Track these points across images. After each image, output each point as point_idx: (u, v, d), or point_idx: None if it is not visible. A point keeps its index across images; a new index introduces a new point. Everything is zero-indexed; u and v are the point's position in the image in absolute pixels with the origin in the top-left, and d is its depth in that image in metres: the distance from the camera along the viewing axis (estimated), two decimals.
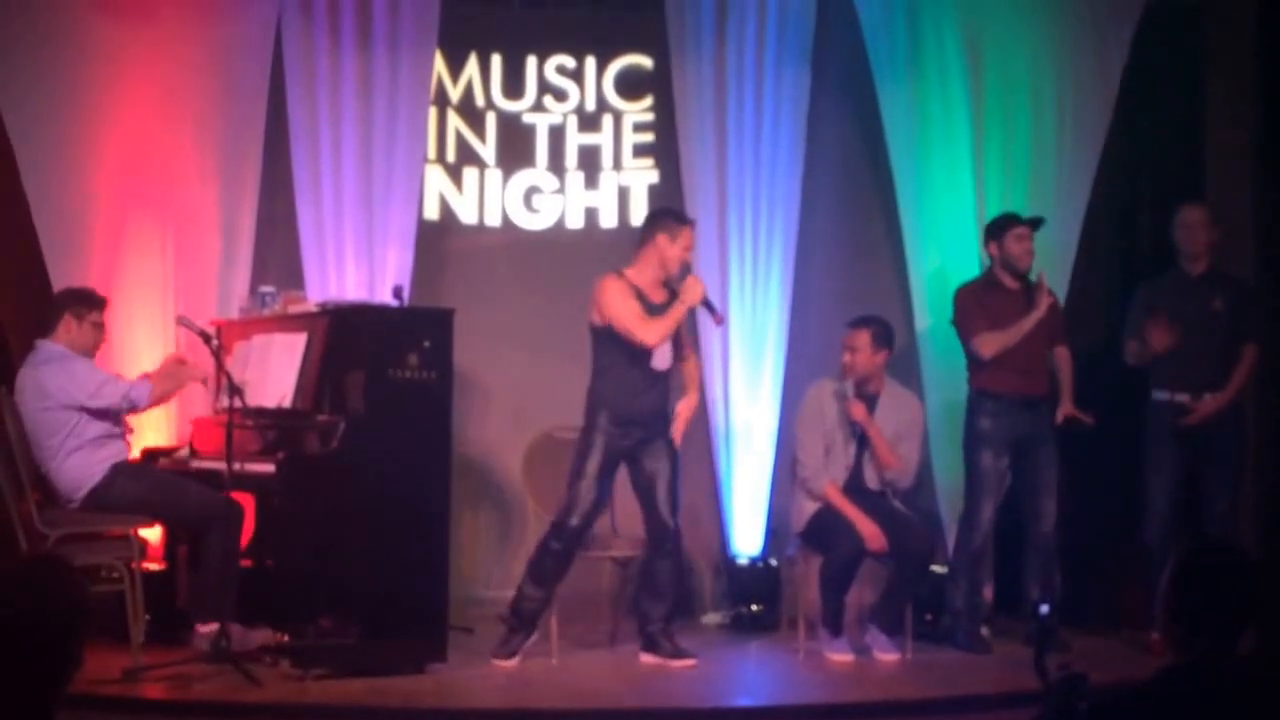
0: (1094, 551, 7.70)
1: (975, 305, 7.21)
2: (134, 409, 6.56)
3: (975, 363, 7.22)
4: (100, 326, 6.67)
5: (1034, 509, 7.22)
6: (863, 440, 7.00)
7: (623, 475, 6.83)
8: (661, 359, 6.70)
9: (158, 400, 6.68)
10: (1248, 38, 7.64)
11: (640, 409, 6.68)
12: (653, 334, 6.60)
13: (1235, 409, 7.15)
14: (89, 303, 6.64)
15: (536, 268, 8.17)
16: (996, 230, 7.26)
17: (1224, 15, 7.82)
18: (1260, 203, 7.59)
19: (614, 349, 6.65)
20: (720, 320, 6.88)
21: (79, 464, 6.46)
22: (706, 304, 6.68)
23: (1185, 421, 7.07)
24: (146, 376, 6.70)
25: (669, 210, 7.14)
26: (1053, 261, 7.62)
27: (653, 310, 6.65)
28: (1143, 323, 7.11)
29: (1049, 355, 7.25)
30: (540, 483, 7.23)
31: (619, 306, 6.62)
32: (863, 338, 6.98)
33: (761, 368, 7.99)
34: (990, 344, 7.11)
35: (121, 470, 6.53)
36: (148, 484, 6.57)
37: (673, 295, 6.69)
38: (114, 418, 6.56)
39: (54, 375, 6.48)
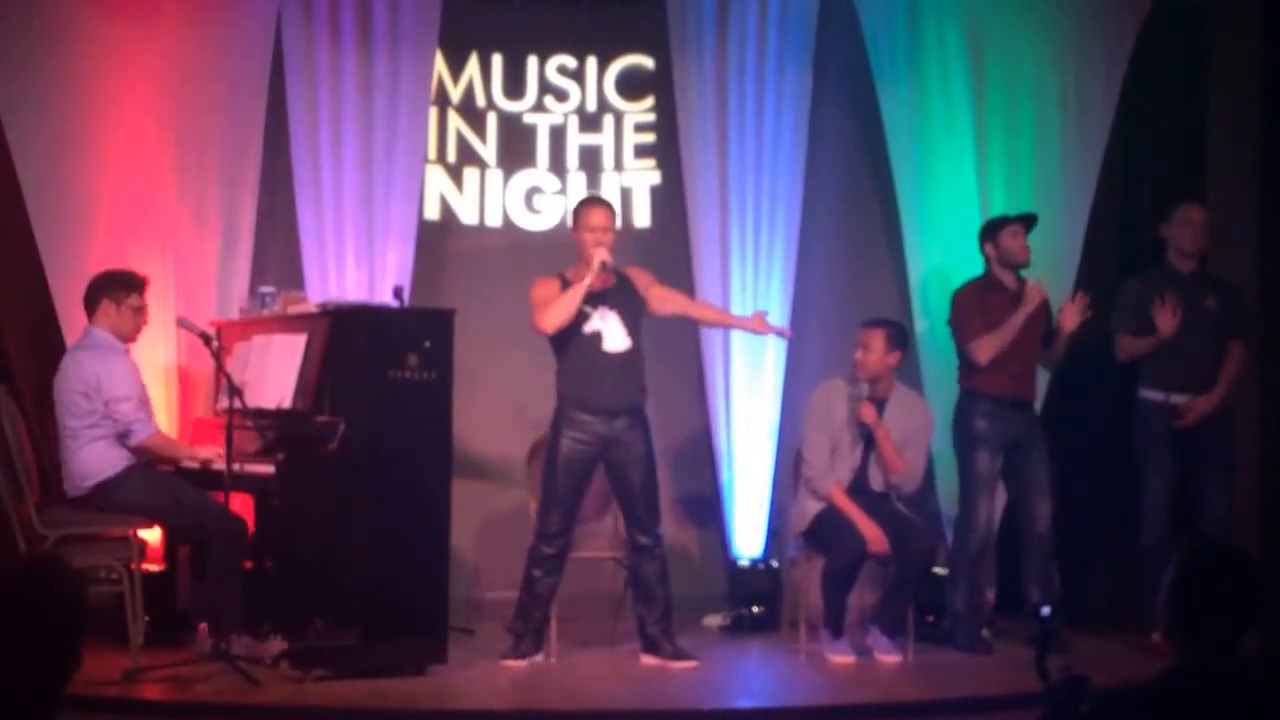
0: (1093, 552, 7.70)
1: (974, 308, 7.20)
2: (125, 435, 6.48)
3: (969, 364, 7.22)
4: (140, 310, 6.63)
5: (1028, 510, 7.23)
6: (869, 442, 6.98)
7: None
8: (612, 340, 6.65)
9: (151, 448, 6.61)
10: (1251, 39, 7.63)
11: (600, 399, 6.63)
12: (546, 320, 6.60)
13: (1224, 408, 7.15)
14: (127, 286, 6.59)
15: (537, 268, 8.09)
16: (991, 231, 7.26)
17: (1227, 16, 7.81)
18: (1262, 203, 7.58)
19: (560, 342, 6.66)
20: (606, 259, 6.61)
21: (96, 453, 6.44)
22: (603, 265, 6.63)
23: (1179, 424, 7.07)
24: (159, 431, 6.70)
25: (581, 198, 7.19)
26: (1057, 262, 7.63)
27: (595, 300, 6.62)
28: (1134, 312, 7.11)
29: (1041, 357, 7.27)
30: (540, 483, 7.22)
31: (531, 296, 6.67)
32: (878, 337, 6.97)
33: (762, 368, 7.97)
34: (986, 348, 7.13)
35: (135, 471, 6.50)
36: (158, 489, 6.52)
37: (620, 281, 6.69)
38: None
39: (96, 364, 6.46)
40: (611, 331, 6.65)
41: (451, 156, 8.25)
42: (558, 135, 8.34)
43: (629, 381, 6.70)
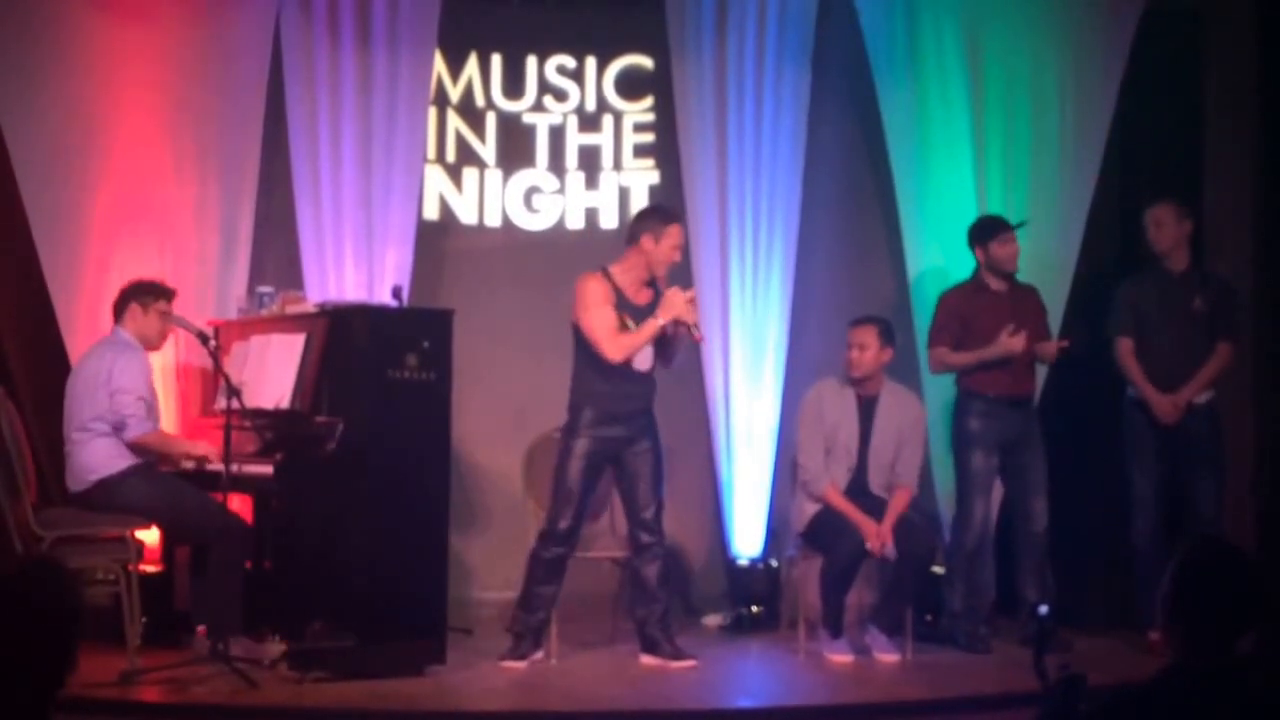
0: (1090, 551, 7.70)
1: (950, 315, 7.26)
2: (119, 429, 6.47)
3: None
4: (167, 315, 6.68)
5: (1025, 509, 7.24)
6: (865, 443, 6.98)
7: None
8: (642, 360, 6.64)
9: (147, 445, 6.59)
10: (1246, 39, 7.65)
11: (623, 408, 6.63)
12: (618, 351, 6.54)
13: (1210, 406, 7.14)
14: (155, 292, 6.68)
15: (536, 268, 8.16)
16: (981, 235, 7.27)
17: (1223, 17, 7.82)
18: (1258, 204, 7.59)
19: (588, 353, 6.62)
20: (699, 339, 6.74)
21: (102, 449, 6.44)
22: (686, 324, 6.59)
23: (1157, 424, 7.07)
24: (161, 432, 6.70)
25: (655, 208, 7.06)
26: (1054, 262, 7.64)
27: (632, 311, 6.61)
28: (1129, 314, 7.13)
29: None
30: (540, 483, 7.21)
31: (593, 315, 6.57)
32: (872, 334, 6.97)
33: (762, 367, 7.97)
34: (940, 361, 7.26)
35: (138, 471, 6.50)
36: (159, 490, 6.51)
37: (658, 295, 6.65)
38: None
39: (112, 356, 6.50)
40: (642, 351, 6.64)
41: (450, 156, 8.24)
42: (557, 135, 8.33)
43: (646, 391, 6.72)
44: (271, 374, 6.58)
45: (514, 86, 8.29)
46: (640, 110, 8.35)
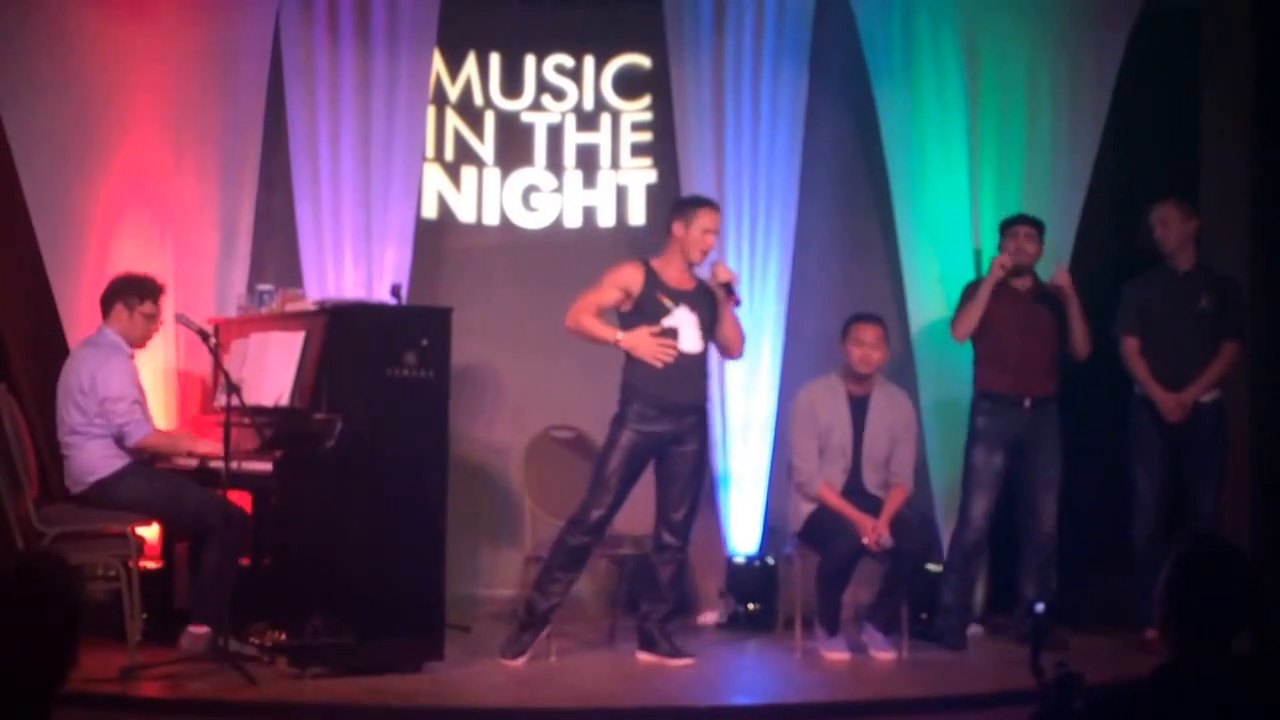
0: (1088, 549, 7.70)
1: (966, 295, 7.29)
2: (120, 439, 6.49)
3: (975, 360, 7.26)
4: (152, 318, 6.67)
5: (1033, 508, 7.25)
6: (859, 441, 7.00)
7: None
8: (687, 340, 6.64)
9: (150, 447, 6.61)
10: (1243, 39, 7.65)
11: (673, 397, 6.61)
12: (573, 319, 6.62)
13: (1216, 407, 7.15)
14: (142, 292, 6.65)
15: (534, 267, 8.18)
16: (1001, 228, 7.32)
17: (1219, 17, 7.83)
18: (1254, 203, 7.59)
19: (640, 328, 6.63)
20: (737, 302, 6.76)
21: (97, 451, 6.45)
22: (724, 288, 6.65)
23: (1162, 422, 7.08)
24: (157, 429, 6.70)
25: (688, 197, 7.12)
26: (1049, 262, 7.63)
27: (674, 295, 6.63)
28: (1134, 313, 7.16)
29: (1058, 354, 7.27)
30: (538, 482, 7.24)
31: (600, 285, 6.63)
32: (880, 333, 7.01)
33: (759, 366, 7.97)
34: (955, 324, 7.28)
35: (134, 470, 6.51)
36: (158, 485, 6.52)
37: (700, 283, 6.69)
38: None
39: (95, 363, 6.50)
40: (687, 331, 6.65)
41: (449, 155, 8.26)
42: (555, 134, 8.34)
43: (698, 381, 6.72)
44: (271, 371, 6.59)
45: (512, 85, 8.31)
46: (638, 109, 8.36)
